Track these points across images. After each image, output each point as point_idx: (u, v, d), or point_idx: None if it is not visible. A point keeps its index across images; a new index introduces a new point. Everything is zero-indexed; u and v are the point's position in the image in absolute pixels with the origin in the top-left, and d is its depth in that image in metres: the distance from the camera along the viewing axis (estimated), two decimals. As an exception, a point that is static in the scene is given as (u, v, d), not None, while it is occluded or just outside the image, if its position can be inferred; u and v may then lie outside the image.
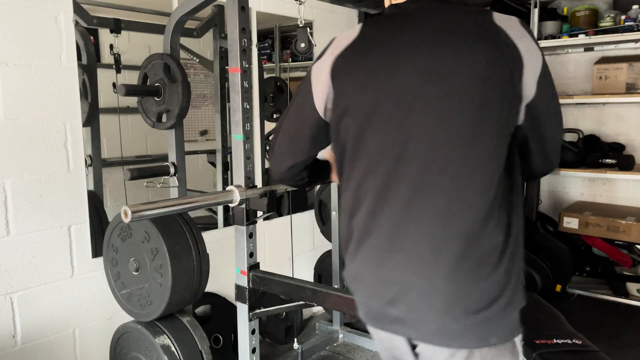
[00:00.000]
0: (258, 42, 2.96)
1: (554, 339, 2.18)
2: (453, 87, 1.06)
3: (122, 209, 1.43)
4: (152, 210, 1.50)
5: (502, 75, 1.05)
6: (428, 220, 1.06)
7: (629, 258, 3.70)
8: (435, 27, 1.11)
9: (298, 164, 1.30)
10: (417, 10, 1.16)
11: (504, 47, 1.06)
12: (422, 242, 1.07)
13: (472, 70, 1.05)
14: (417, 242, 1.07)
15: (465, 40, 1.07)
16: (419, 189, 1.07)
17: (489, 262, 1.05)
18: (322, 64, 1.21)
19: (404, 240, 1.08)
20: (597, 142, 3.84)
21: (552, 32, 3.79)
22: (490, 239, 1.05)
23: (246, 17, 1.78)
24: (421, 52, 1.09)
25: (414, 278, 1.07)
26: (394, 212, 1.09)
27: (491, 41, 1.06)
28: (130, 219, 1.43)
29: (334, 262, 3.09)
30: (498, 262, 1.06)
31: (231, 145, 1.84)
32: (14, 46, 1.97)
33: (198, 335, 2.02)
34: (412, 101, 1.08)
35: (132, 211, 1.42)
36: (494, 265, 1.06)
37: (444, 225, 1.05)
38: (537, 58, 1.11)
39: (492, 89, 1.05)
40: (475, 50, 1.05)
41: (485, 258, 1.05)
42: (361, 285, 1.16)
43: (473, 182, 1.06)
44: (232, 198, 1.74)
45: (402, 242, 1.08)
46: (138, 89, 2.04)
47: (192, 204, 1.66)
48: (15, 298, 2.05)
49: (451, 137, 1.06)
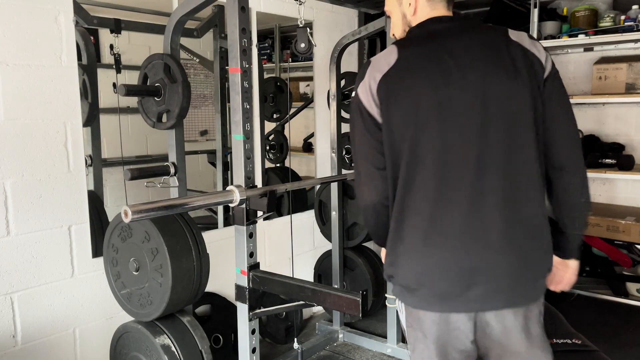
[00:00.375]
0: (258, 42, 2.96)
1: (553, 339, 2.18)
2: (507, 99, 1.30)
3: (123, 209, 1.43)
4: (153, 211, 1.50)
5: (534, 80, 1.32)
6: (498, 211, 1.28)
7: (629, 258, 3.70)
8: (473, 46, 1.32)
9: (384, 190, 1.39)
10: (445, 31, 1.35)
11: (527, 58, 1.32)
12: (493, 230, 1.28)
13: (515, 83, 1.29)
14: (488, 231, 1.28)
15: (502, 58, 1.30)
16: (483, 188, 1.28)
17: (540, 237, 1.34)
18: (367, 84, 1.35)
19: (478, 231, 1.28)
20: (596, 142, 3.84)
21: (551, 32, 3.79)
22: (539, 217, 1.34)
23: (246, 17, 1.78)
24: (468, 69, 1.29)
25: (492, 259, 1.28)
26: (461, 209, 1.28)
27: (518, 55, 1.31)
28: (131, 219, 1.43)
29: (334, 262, 3.09)
30: (546, 234, 1.36)
31: (231, 145, 1.84)
32: (14, 46, 1.97)
33: (198, 335, 2.02)
34: (471, 114, 1.28)
35: (133, 211, 1.43)
36: (543, 238, 1.35)
37: (510, 213, 1.29)
38: (549, 59, 1.38)
39: (531, 95, 1.31)
40: (513, 65, 1.30)
41: (538, 235, 1.34)
42: (433, 278, 1.31)
43: (530, 176, 1.32)
44: (232, 198, 1.74)
45: (476, 233, 1.28)
46: (138, 89, 2.04)
47: (192, 204, 1.66)
48: (15, 298, 2.05)
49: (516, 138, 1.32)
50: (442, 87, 1.28)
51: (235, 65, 1.76)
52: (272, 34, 3.35)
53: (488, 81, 1.27)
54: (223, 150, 2.92)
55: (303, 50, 2.20)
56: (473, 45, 1.31)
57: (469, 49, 1.30)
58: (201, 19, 2.74)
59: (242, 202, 1.76)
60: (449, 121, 1.28)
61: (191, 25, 2.69)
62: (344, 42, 2.92)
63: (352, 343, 3.08)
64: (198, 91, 2.85)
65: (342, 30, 3.44)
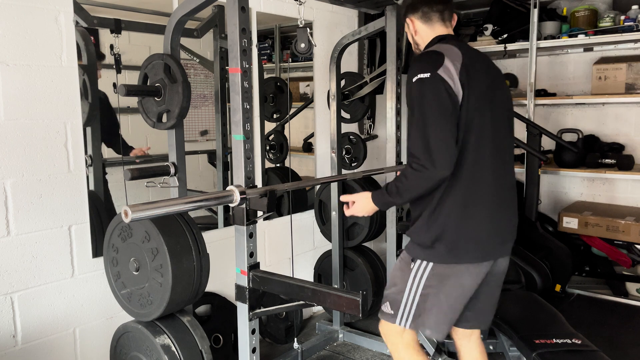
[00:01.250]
0: (258, 43, 2.96)
1: (553, 339, 2.19)
2: (506, 104, 1.88)
3: (122, 209, 1.43)
4: (152, 211, 1.50)
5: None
6: (508, 187, 1.83)
7: (629, 258, 3.70)
8: (490, 66, 1.85)
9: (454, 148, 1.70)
10: (458, 45, 1.78)
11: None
12: (510, 200, 1.85)
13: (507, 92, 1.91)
14: (507, 200, 1.83)
15: (497, 70, 1.87)
16: (501, 168, 1.80)
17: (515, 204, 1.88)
18: (449, 68, 1.68)
19: (504, 201, 1.81)
20: (596, 142, 3.85)
21: (551, 32, 3.79)
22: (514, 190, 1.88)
23: (246, 17, 1.78)
24: (497, 80, 1.85)
25: (511, 221, 1.85)
26: (489, 183, 1.75)
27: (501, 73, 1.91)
28: (131, 219, 1.43)
29: (334, 262, 3.09)
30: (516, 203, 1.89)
31: (231, 145, 1.84)
32: (15, 46, 1.98)
33: (198, 335, 2.02)
34: (495, 108, 1.79)
35: (133, 211, 1.43)
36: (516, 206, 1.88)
37: (512, 188, 1.85)
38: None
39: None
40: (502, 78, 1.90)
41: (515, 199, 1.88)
42: (479, 239, 1.74)
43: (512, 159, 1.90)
44: (232, 198, 1.74)
45: (504, 202, 1.81)
46: (138, 89, 2.04)
47: (192, 204, 1.66)
48: (15, 298, 2.05)
49: (510, 132, 1.89)
50: (492, 89, 1.77)
51: (236, 66, 1.76)
52: (272, 34, 3.35)
53: (504, 94, 1.87)
54: (223, 150, 2.92)
55: (303, 50, 2.20)
56: (489, 63, 1.84)
57: (489, 65, 1.83)
58: (201, 19, 2.74)
59: (242, 202, 1.76)
60: (495, 114, 1.76)
61: (191, 25, 2.69)
62: (344, 42, 2.93)
63: (352, 343, 3.08)
64: (198, 91, 2.85)
65: (342, 31, 3.44)
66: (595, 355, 2.10)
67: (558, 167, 3.81)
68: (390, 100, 2.72)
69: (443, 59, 1.68)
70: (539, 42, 3.72)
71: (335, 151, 2.99)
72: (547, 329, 2.31)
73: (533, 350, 2.11)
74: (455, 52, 1.71)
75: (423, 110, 1.65)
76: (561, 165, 3.78)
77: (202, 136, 2.88)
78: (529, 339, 2.19)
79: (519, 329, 2.29)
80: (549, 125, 4.07)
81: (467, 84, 1.67)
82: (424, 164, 1.63)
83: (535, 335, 2.21)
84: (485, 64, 1.79)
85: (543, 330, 2.28)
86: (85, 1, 2.20)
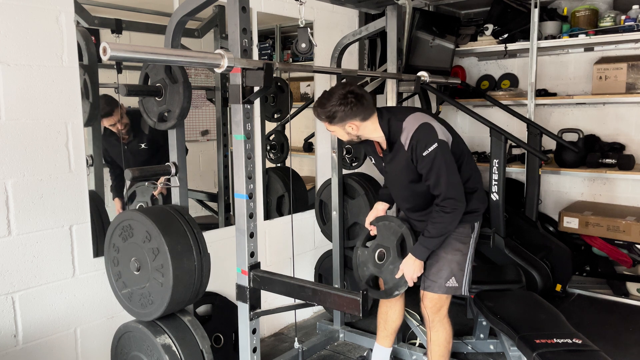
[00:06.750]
0: (259, 43, 2.96)
1: (554, 339, 2.19)
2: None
3: (102, 44, 1.36)
4: (133, 54, 1.43)
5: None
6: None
7: (629, 258, 3.70)
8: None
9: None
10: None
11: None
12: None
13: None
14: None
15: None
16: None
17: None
18: (446, 139, 2.12)
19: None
20: (597, 142, 3.85)
21: (552, 32, 3.79)
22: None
23: (247, 17, 1.78)
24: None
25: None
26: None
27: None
28: (109, 56, 1.35)
29: (335, 262, 3.09)
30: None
31: (232, 145, 1.84)
32: (16, 46, 1.98)
33: (199, 334, 2.02)
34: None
35: (112, 48, 1.36)
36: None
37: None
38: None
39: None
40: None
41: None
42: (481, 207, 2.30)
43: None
44: (220, 62, 1.66)
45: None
46: (139, 89, 2.04)
47: (174, 57, 1.58)
48: (16, 298, 2.05)
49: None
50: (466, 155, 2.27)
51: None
52: (272, 34, 3.35)
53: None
54: (223, 150, 2.92)
55: (304, 50, 2.21)
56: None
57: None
58: (202, 19, 2.74)
59: (230, 69, 1.69)
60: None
61: (192, 25, 2.69)
62: (344, 42, 2.93)
63: (352, 342, 3.08)
64: (198, 91, 2.85)
65: (342, 30, 3.44)
66: (596, 355, 2.10)
67: (559, 167, 3.81)
68: (391, 100, 2.72)
69: (439, 132, 2.16)
70: (539, 42, 3.72)
71: (336, 151, 2.99)
72: (547, 328, 2.31)
73: (534, 350, 2.11)
74: (442, 130, 2.17)
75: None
76: (562, 165, 3.78)
77: (203, 136, 2.88)
78: (529, 339, 2.20)
79: (520, 329, 2.29)
80: (550, 125, 4.07)
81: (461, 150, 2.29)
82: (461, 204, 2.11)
83: (536, 335, 2.21)
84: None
85: (544, 330, 2.28)
86: (86, 1, 2.20)
